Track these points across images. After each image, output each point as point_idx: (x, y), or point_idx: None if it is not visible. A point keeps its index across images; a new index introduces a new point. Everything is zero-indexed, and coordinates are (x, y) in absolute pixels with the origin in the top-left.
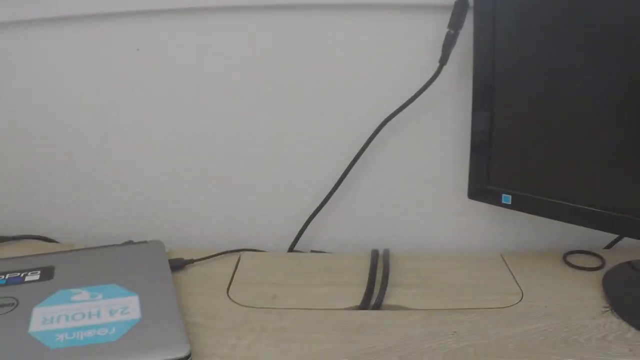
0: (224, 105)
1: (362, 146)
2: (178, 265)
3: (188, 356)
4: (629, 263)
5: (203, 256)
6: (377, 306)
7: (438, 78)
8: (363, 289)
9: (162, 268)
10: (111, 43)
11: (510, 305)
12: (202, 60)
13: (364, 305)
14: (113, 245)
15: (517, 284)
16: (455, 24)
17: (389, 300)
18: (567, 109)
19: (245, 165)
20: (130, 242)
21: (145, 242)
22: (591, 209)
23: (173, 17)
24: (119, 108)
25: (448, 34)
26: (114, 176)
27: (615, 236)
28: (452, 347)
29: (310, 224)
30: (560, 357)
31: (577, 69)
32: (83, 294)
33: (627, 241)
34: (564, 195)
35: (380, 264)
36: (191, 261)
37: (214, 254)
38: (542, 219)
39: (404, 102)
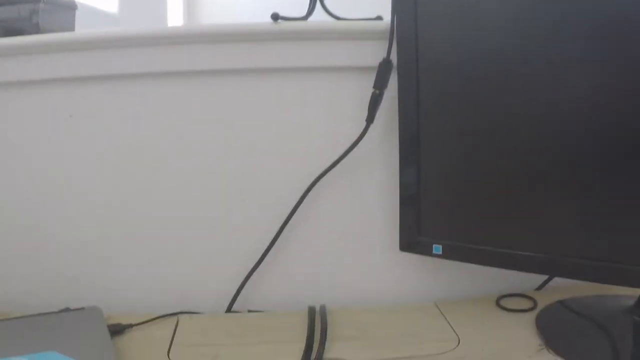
0: (157, 170)
1: (294, 205)
2: (117, 330)
3: None
4: (560, 302)
5: (141, 320)
6: None
7: (365, 136)
8: (302, 345)
9: (102, 334)
10: (44, 109)
11: (448, 351)
12: (135, 126)
13: None
14: (50, 313)
15: (454, 330)
16: (380, 84)
17: (328, 354)
18: (491, 161)
19: (180, 228)
20: (67, 309)
21: (83, 308)
22: (520, 252)
23: (106, 83)
24: (53, 173)
25: (373, 94)
26: (48, 243)
27: (546, 277)
28: None
29: (247, 284)
30: None
31: (498, 124)
32: None
33: (557, 281)
34: (492, 241)
35: (317, 320)
36: (130, 326)
37: (152, 317)
38: (474, 265)
39: (333, 161)
